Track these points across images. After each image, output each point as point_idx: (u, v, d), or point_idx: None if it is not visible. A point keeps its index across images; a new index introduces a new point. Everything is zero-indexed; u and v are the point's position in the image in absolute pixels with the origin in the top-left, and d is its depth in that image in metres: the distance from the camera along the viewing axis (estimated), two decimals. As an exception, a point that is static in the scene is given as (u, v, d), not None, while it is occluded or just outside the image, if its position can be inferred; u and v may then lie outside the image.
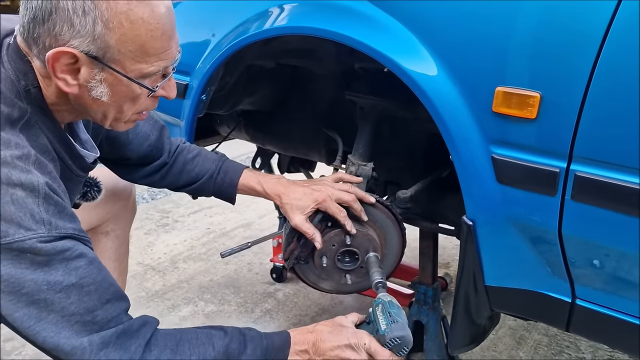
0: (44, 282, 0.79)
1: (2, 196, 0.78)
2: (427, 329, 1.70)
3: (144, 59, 0.88)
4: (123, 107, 0.94)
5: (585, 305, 1.03)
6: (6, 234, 0.77)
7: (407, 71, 1.08)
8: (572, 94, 0.90)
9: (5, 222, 0.78)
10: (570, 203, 0.94)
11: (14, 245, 0.78)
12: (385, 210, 1.29)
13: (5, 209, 0.78)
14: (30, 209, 0.80)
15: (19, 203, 0.79)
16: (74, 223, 0.86)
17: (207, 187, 1.35)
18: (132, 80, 0.89)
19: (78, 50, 0.84)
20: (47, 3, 0.82)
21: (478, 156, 1.03)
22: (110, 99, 0.90)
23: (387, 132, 1.59)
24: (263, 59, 1.58)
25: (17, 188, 0.80)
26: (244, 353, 0.95)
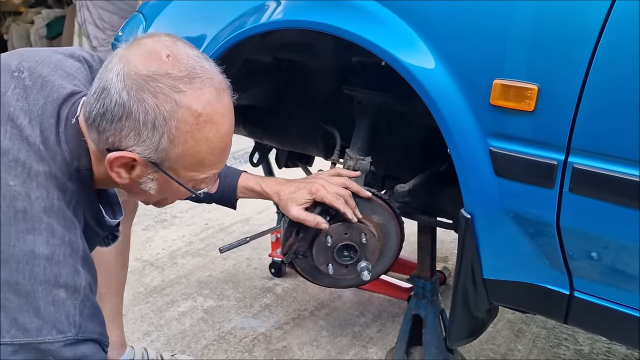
0: None
1: (45, 295, 0.79)
2: (425, 323, 1.70)
3: (198, 170, 0.92)
4: (167, 198, 1.00)
5: (583, 297, 1.04)
6: (39, 333, 0.78)
7: (405, 64, 1.08)
8: (569, 86, 0.90)
9: (42, 321, 0.79)
10: (568, 195, 0.94)
11: (41, 345, 0.78)
12: (383, 204, 1.29)
13: (44, 308, 0.79)
14: (67, 311, 0.81)
15: (59, 305, 0.80)
16: (101, 327, 0.87)
17: (207, 194, 1.34)
18: (182, 185, 0.93)
19: (139, 156, 0.87)
20: (121, 108, 0.83)
21: (476, 149, 1.03)
22: (157, 193, 0.95)
23: (385, 127, 1.59)
24: (260, 53, 1.57)
25: (62, 289, 0.81)
26: None
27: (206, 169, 0.93)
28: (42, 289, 0.79)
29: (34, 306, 0.78)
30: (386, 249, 1.32)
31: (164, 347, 1.93)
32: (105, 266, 1.58)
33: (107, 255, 1.55)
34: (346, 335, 2.01)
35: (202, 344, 1.95)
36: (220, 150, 0.91)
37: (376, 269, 1.33)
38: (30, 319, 0.78)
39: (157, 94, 0.83)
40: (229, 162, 3.89)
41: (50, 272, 0.81)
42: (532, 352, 1.89)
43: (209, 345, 1.94)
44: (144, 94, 0.83)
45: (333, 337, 1.99)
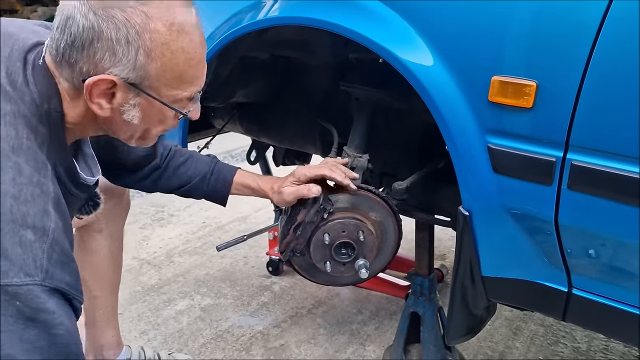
0: (18, 337, 0.75)
1: (12, 235, 0.76)
2: (423, 320, 1.70)
3: (179, 86, 0.90)
4: (151, 129, 0.96)
5: (581, 294, 1.03)
6: (6, 275, 0.74)
7: (403, 62, 1.07)
8: (568, 83, 0.90)
9: (8, 263, 0.75)
10: (566, 192, 0.94)
11: (9, 288, 0.74)
12: (381, 201, 1.28)
13: (11, 249, 0.75)
14: (35, 253, 0.77)
15: (26, 246, 0.77)
16: (71, 277, 0.83)
17: (200, 188, 1.33)
18: (166, 105, 0.90)
19: (117, 78, 0.84)
20: (90, 31, 0.81)
21: (474, 146, 1.02)
22: (140, 121, 0.91)
23: (383, 124, 1.59)
24: (257, 50, 1.57)
25: (29, 230, 0.78)
26: None
27: (186, 85, 0.91)
28: (9, 228, 0.75)
29: (2, 247, 0.74)
30: (384, 246, 1.32)
31: (161, 345, 1.92)
32: (99, 268, 1.57)
33: (101, 257, 1.54)
34: (344, 333, 2.00)
35: (200, 343, 1.94)
36: (197, 62, 0.90)
37: (374, 266, 1.32)
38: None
39: (125, 7, 0.81)
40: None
41: (17, 211, 0.77)
42: (530, 350, 1.89)
43: (207, 343, 1.94)
44: (112, 10, 0.81)
45: (331, 335, 1.99)
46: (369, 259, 1.26)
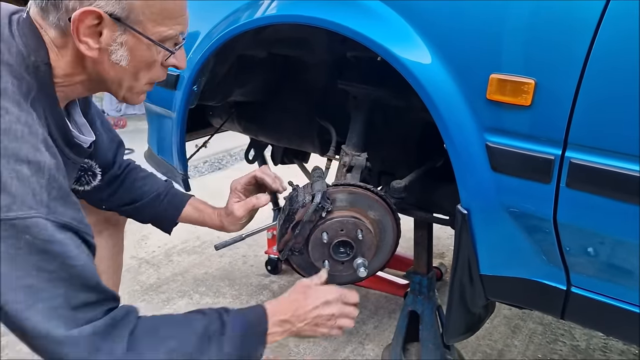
0: (35, 268, 0.76)
1: (7, 171, 0.75)
2: (422, 319, 1.70)
3: (164, 22, 0.92)
4: (139, 73, 0.96)
5: (580, 292, 1.03)
6: (9, 209, 0.74)
7: (401, 60, 1.07)
8: (567, 80, 0.89)
9: (9, 197, 0.74)
10: (565, 190, 0.94)
11: (15, 221, 0.74)
12: (379, 200, 1.28)
13: (9, 182, 0.75)
14: (33, 188, 0.77)
15: (23, 180, 0.76)
16: (74, 211, 0.83)
17: (152, 206, 1.33)
18: (153, 41, 0.92)
19: (103, 11, 0.85)
20: None
21: (472, 144, 1.02)
22: (129, 63, 0.92)
23: (381, 122, 1.58)
24: (254, 48, 1.56)
25: (24, 165, 0.77)
26: (224, 332, 0.94)
27: (170, 21, 0.93)
28: (4, 162, 0.75)
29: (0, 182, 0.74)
30: (382, 245, 1.32)
31: (159, 345, 1.92)
32: (98, 269, 1.56)
33: (100, 258, 1.53)
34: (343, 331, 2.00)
35: (198, 342, 1.94)
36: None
37: (372, 265, 1.32)
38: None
39: None
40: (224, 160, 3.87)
41: (9, 146, 0.76)
42: (528, 348, 1.89)
43: (205, 342, 1.93)
44: None
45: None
46: (367, 258, 1.25)
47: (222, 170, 4.19)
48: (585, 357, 1.83)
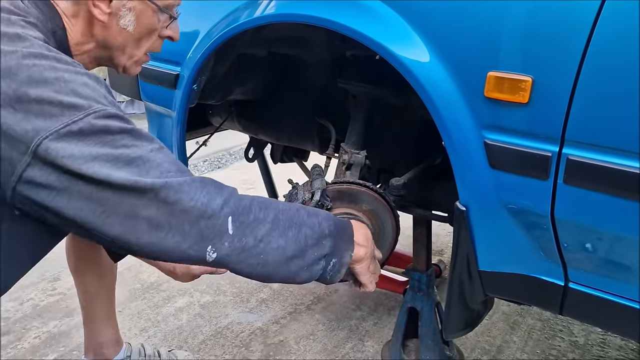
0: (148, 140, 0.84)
1: (74, 80, 0.80)
2: (421, 315, 1.71)
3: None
4: (141, 40, 1.06)
5: (578, 288, 1.04)
6: (90, 106, 0.79)
7: (399, 58, 1.07)
8: (563, 78, 0.90)
9: (86, 100, 0.79)
10: (562, 187, 0.94)
11: (101, 112, 0.80)
12: (378, 197, 1.29)
13: (81, 89, 0.80)
14: (99, 94, 0.83)
15: (92, 87, 0.82)
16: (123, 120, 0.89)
17: None
18: (159, 7, 1.03)
19: None
20: None
21: (470, 142, 1.03)
22: (135, 29, 1.03)
23: (380, 120, 1.59)
24: (254, 47, 1.57)
25: (85, 76, 0.83)
26: (318, 215, 0.98)
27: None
28: (68, 75, 0.81)
29: (73, 89, 0.79)
30: (382, 242, 1.33)
31: (161, 342, 1.93)
32: (99, 266, 1.58)
33: (101, 255, 1.54)
34: (343, 328, 2.01)
35: (199, 339, 1.95)
36: None
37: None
38: (75, 99, 0.78)
39: None
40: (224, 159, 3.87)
41: (69, 61, 0.84)
42: (527, 344, 1.90)
43: (206, 340, 1.95)
44: None
45: (330, 330, 2.00)
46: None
47: (221, 169, 4.20)
48: (584, 353, 1.84)
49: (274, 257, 0.90)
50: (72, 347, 1.90)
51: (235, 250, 0.86)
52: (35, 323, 2.05)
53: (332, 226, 0.98)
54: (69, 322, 2.05)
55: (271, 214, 0.90)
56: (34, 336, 1.97)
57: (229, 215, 0.84)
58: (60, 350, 1.89)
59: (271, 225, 0.89)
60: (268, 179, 2.52)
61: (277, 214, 0.91)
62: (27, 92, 0.77)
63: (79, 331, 1.76)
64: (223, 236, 0.84)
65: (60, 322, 2.05)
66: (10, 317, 2.05)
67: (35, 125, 0.76)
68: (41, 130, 0.76)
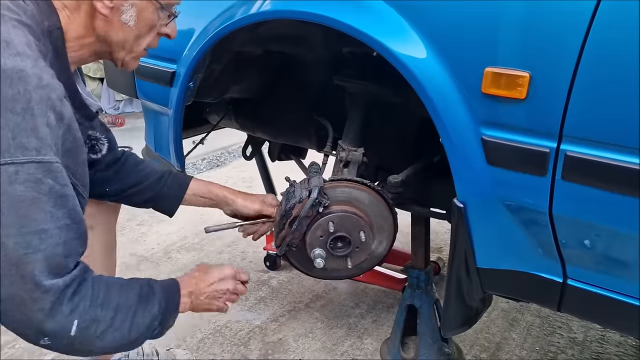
0: (49, 214, 0.82)
1: (42, 115, 0.81)
2: (420, 313, 1.70)
3: None
4: (141, 37, 1.08)
5: (576, 285, 1.04)
6: (38, 152, 0.80)
7: (396, 54, 1.07)
8: (561, 73, 0.89)
9: (39, 141, 0.80)
10: (560, 183, 0.94)
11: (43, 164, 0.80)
12: (376, 195, 1.28)
13: (41, 129, 0.81)
14: (56, 136, 0.84)
15: (51, 128, 0.83)
16: (75, 165, 0.91)
17: (155, 187, 1.37)
18: (160, 4, 1.05)
19: None
20: None
21: (468, 138, 1.02)
22: (135, 24, 1.04)
23: (377, 118, 1.58)
24: (250, 45, 1.56)
25: (51, 112, 0.83)
26: (154, 294, 1.06)
27: None
28: (38, 108, 0.81)
29: (32, 125, 0.79)
30: (380, 240, 1.32)
31: (159, 341, 1.92)
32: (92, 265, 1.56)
33: (94, 258, 1.53)
34: (341, 326, 2.01)
35: (198, 338, 1.94)
36: None
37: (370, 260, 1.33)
38: (28, 138, 0.79)
39: None
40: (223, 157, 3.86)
41: (43, 93, 0.82)
42: (526, 341, 1.90)
43: (205, 338, 1.94)
44: None
45: (328, 328, 2.00)
46: (364, 253, 1.26)
47: (220, 167, 4.19)
48: (583, 349, 1.84)
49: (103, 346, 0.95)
50: (70, 346, 1.90)
51: (68, 346, 0.91)
52: (33, 323, 2.04)
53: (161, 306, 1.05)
54: (67, 321, 2.04)
55: (110, 314, 0.94)
56: (32, 336, 1.96)
57: (74, 320, 0.88)
58: (58, 349, 1.89)
59: (109, 323, 0.94)
60: (266, 176, 2.51)
61: (116, 313, 0.95)
62: None
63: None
64: (64, 337, 0.88)
65: (58, 322, 2.05)
66: (8, 316, 2.04)
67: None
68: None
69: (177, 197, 1.39)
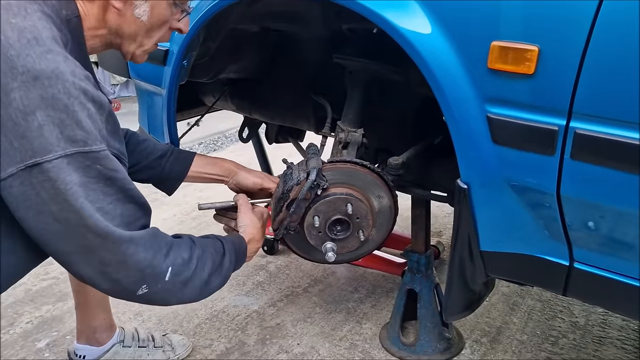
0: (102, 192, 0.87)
1: (82, 108, 0.84)
2: (420, 297, 1.68)
3: None
4: (153, 31, 1.08)
5: (583, 268, 1.01)
6: (85, 143, 0.84)
7: (399, 30, 1.02)
8: (572, 47, 0.85)
9: (84, 132, 0.84)
10: (569, 162, 0.90)
11: (91, 154, 0.85)
12: (376, 177, 1.25)
13: (85, 121, 0.85)
14: (98, 125, 0.88)
15: (93, 118, 0.86)
16: (121, 145, 0.96)
17: (157, 165, 1.36)
18: (174, 0, 1.06)
19: None
20: None
21: (473, 116, 0.98)
22: (148, 19, 1.04)
23: (377, 98, 1.54)
24: (247, 22, 1.51)
25: (91, 103, 0.86)
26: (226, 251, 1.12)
27: None
28: (77, 102, 0.84)
29: (76, 119, 0.83)
30: (380, 223, 1.29)
31: (155, 326, 1.90)
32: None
33: None
34: (340, 311, 1.98)
35: (195, 323, 1.92)
36: None
37: (370, 244, 1.29)
38: (74, 132, 0.83)
39: None
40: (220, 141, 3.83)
41: (79, 87, 0.85)
42: (527, 325, 1.88)
43: (202, 324, 1.92)
44: None
45: (327, 313, 1.97)
46: (365, 235, 1.23)
47: (217, 151, 4.15)
48: (584, 333, 1.82)
49: (190, 294, 1.03)
50: (65, 332, 1.87)
51: (163, 290, 0.97)
52: (28, 308, 2.01)
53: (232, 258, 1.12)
54: (62, 306, 2.02)
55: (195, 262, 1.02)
56: (26, 321, 1.93)
57: (169, 266, 0.96)
58: (52, 335, 1.86)
59: (194, 271, 1.01)
60: (264, 160, 2.48)
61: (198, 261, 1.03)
62: None
63: (72, 316, 1.73)
64: (159, 281, 0.95)
65: (53, 307, 2.02)
66: (2, 302, 2.02)
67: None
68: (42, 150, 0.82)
69: (179, 174, 1.36)
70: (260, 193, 1.39)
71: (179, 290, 0.99)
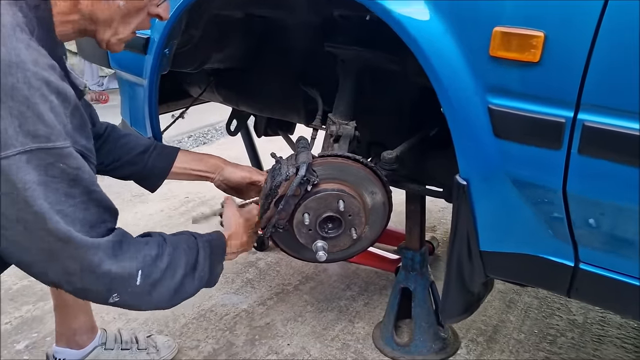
0: (64, 193, 0.83)
1: (42, 102, 0.79)
2: (415, 296, 1.63)
3: None
4: (129, 18, 1.01)
5: (589, 269, 0.95)
6: (48, 139, 0.80)
7: (395, 16, 0.96)
8: (581, 32, 0.79)
9: (47, 127, 0.79)
10: (576, 157, 0.85)
11: (54, 150, 0.80)
12: (369, 172, 1.19)
13: (47, 115, 0.80)
14: (63, 120, 0.83)
15: (56, 112, 0.81)
16: (88, 141, 0.91)
17: (140, 160, 1.31)
18: None
19: None
20: None
21: (473, 108, 0.92)
22: (124, 4, 0.98)
23: (370, 88, 1.48)
24: (230, 8, 1.44)
25: (54, 95, 0.81)
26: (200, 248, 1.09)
27: None
28: (39, 94, 0.79)
29: (37, 112, 0.78)
30: (373, 219, 1.23)
31: (141, 327, 1.83)
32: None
33: None
34: (332, 309, 1.93)
35: (181, 323, 1.85)
36: None
37: (363, 240, 1.24)
38: (35, 126, 0.79)
39: None
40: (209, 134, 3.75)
41: (41, 77, 0.80)
42: (524, 323, 1.83)
43: (188, 323, 1.85)
44: None
45: (318, 312, 1.92)
46: (357, 232, 1.17)
47: (207, 145, 4.07)
48: (583, 332, 1.78)
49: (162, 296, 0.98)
50: (45, 333, 1.80)
51: (133, 295, 0.94)
52: (7, 308, 1.94)
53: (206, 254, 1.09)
54: (43, 306, 1.95)
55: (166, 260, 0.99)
56: (5, 322, 1.86)
57: (139, 269, 0.93)
58: (32, 336, 1.79)
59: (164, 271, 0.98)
60: (253, 154, 2.41)
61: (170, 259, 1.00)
62: None
63: (53, 316, 1.67)
64: (129, 286, 0.92)
65: (33, 307, 1.95)
66: (-19, 301, 1.95)
67: None
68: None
69: (162, 171, 1.32)
70: (250, 188, 1.34)
71: (148, 293, 0.96)
